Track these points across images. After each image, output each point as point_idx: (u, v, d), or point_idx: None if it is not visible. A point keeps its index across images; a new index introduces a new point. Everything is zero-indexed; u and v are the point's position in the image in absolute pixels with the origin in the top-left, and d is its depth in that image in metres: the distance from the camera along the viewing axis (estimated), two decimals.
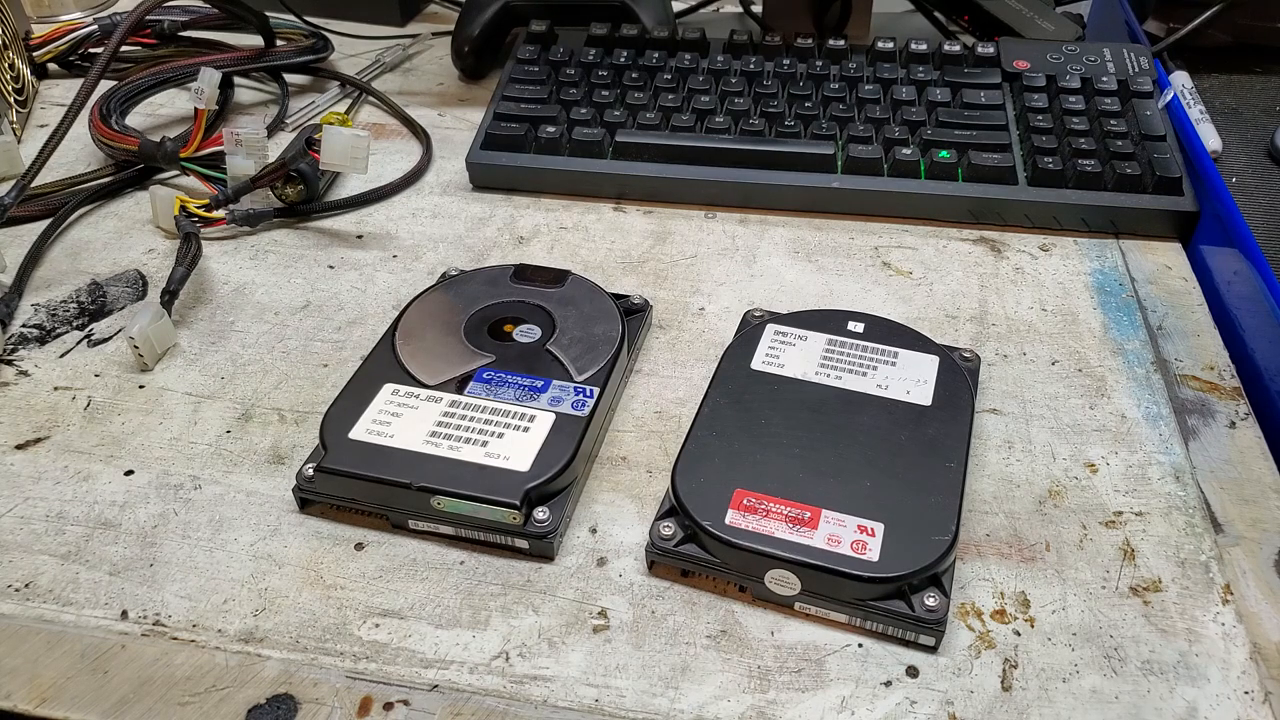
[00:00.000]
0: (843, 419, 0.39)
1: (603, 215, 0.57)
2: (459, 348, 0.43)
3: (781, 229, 0.56)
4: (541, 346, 0.44)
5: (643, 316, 0.48)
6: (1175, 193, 0.54)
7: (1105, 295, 0.50)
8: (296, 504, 0.40)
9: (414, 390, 0.41)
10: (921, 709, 0.32)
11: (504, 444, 0.39)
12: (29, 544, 0.38)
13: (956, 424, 0.39)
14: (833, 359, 0.42)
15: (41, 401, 0.45)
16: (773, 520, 0.35)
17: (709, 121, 0.59)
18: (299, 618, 0.35)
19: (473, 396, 0.41)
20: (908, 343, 0.43)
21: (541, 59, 0.64)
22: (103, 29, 0.72)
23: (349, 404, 0.41)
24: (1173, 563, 0.37)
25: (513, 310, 0.46)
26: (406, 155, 0.63)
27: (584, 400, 0.41)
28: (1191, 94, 0.61)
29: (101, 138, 0.60)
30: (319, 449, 0.39)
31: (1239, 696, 0.33)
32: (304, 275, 0.53)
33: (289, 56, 0.70)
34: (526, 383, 0.41)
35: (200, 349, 0.48)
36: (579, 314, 0.45)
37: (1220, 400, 0.44)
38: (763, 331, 0.44)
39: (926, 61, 0.62)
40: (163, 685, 0.33)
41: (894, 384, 0.41)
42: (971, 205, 0.55)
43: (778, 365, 0.42)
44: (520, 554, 0.38)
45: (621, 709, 0.32)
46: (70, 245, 0.55)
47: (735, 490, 0.36)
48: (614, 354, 0.43)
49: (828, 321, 0.44)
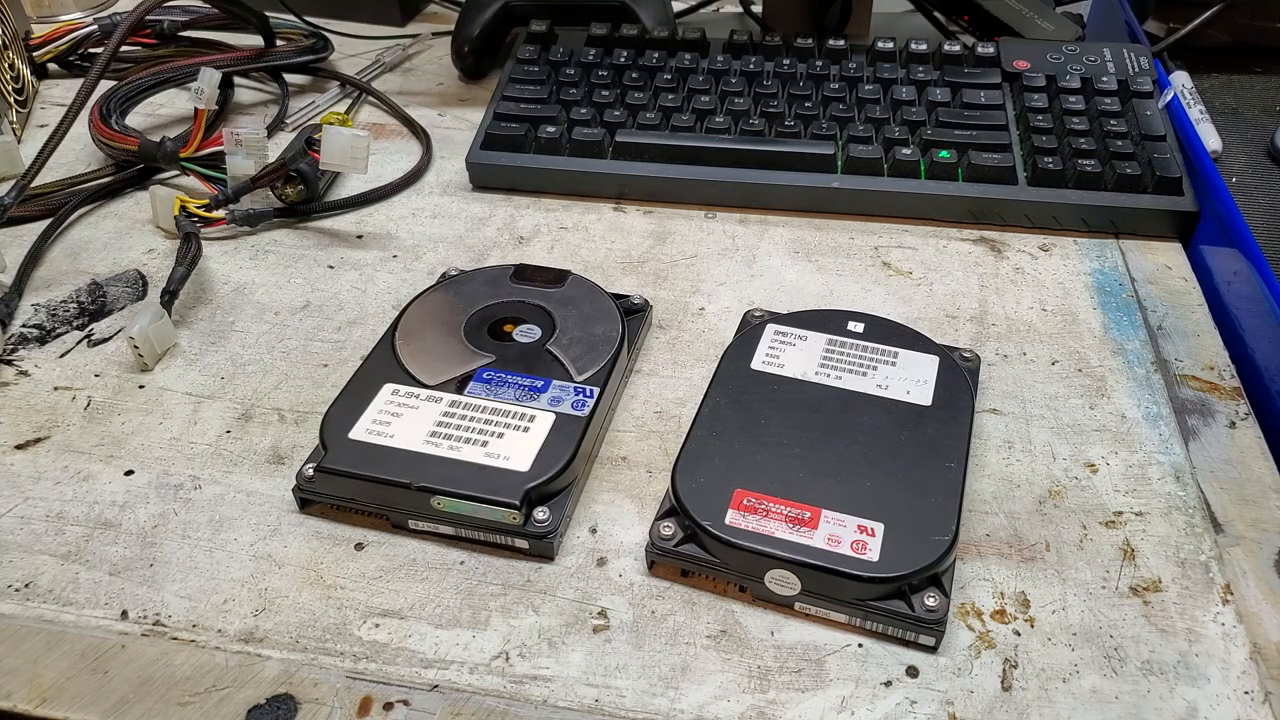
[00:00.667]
0: (843, 419, 0.39)
1: (603, 215, 0.57)
2: (459, 348, 0.43)
3: (781, 229, 0.56)
4: (541, 346, 0.44)
5: (643, 316, 0.48)
6: (1175, 193, 0.54)
7: (1105, 295, 0.50)
8: (297, 504, 0.40)
9: (414, 390, 0.41)
10: (921, 709, 0.32)
11: (504, 444, 0.39)
12: (29, 544, 0.38)
13: (956, 424, 0.39)
14: (833, 359, 0.42)
15: (41, 401, 0.45)
16: (773, 520, 0.35)
17: (709, 121, 0.59)
18: (299, 618, 0.35)
19: (473, 396, 0.41)
20: (908, 343, 0.43)
21: (541, 59, 0.64)
22: (103, 29, 0.72)
23: (349, 404, 0.41)
24: (1173, 563, 0.37)
25: (513, 310, 0.46)
26: (406, 155, 0.63)
27: (584, 400, 0.41)
28: (1191, 94, 0.61)
29: (101, 138, 0.60)
30: (319, 449, 0.39)
31: (1239, 696, 0.33)
32: (304, 275, 0.53)
33: (289, 56, 0.70)
34: (526, 383, 0.41)
35: (200, 349, 0.48)
36: (579, 314, 0.45)
37: (1220, 400, 0.44)
38: (763, 331, 0.44)
39: (926, 61, 0.62)
40: (163, 685, 0.33)
41: (894, 384, 0.41)
42: (971, 205, 0.55)
43: (778, 365, 0.42)
44: (520, 554, 0.38)
45: (621, 709, 0.32)
46: (70, 245, 0.55)
47: (735, 490, 0.36)
48: (614, 354, 0.43)
49: (828, 321, 0.44)
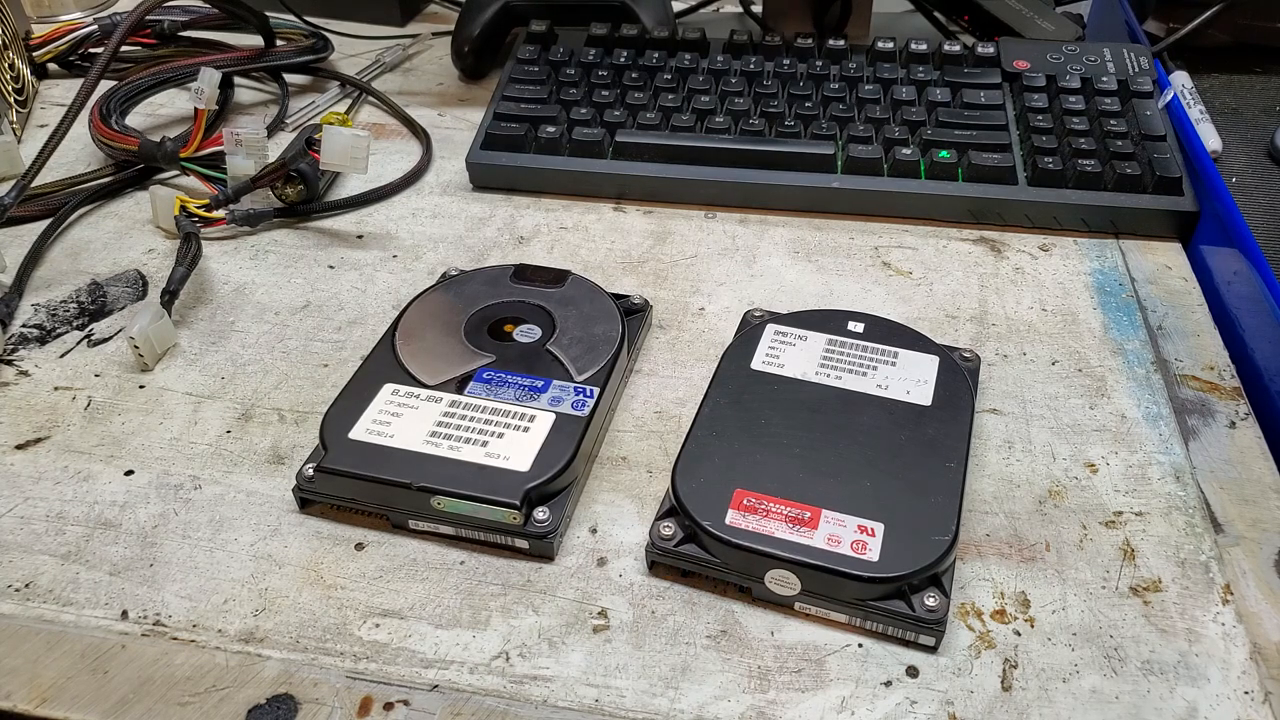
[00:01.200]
0: (843, 419, 0.39)
1: (603, 215, 0.57)
2: (459, 348, 0.43)
3: (781, 229, 0.56)
4: (542, 346, 0.44)
5: (643, 316, 0.48)
6: (1175, 193, 0.54)
7: (1105, 295, 0.50)
8: (297, 504, 0.40)
9: (414, 390, 0.41)
10: (921, 709, 0.32)
11: (504, 444, 0.39)
12: (29, 544, 0.38)
13: (956, 424, 0.39)
14: (833, 359, 0.42)
15: (41, 401, 0.45)
16: (773, 520, 0.35)
17: (709, 121, 0.59)
18: (299, 618, 0.35)
19: (473, 396, 0.41)
20: (908, 343, 0.43)
21: (541, 59, 0.64)
22: (103, 29, 0.72)
23: (349, 404, 0.41)
24: (1173, 563, 0.37)
25: (513, 310, 0.46)
26: (406, 155, 0.63)
27: (584, 400, 0.41)
28: (1191, 94, 0.61)
29: (101, 138, 0.60)
30: (319, 449, 0.39)
31: (1239, 696, 0.33)
32: (304, 275, 0.53)
33: (289, 56, 0.70)
34: (527, 383, 0.41)
35: (200, 349, 0.48)
36: (579, 314, 0.45)
37: (1220, 400, 0.44)
38: (763, 331, 0.44)
39: (926, 61, 0.62)
40: (163, 685, 0.33)
41: (894, 384, 0.41)
42: (971, 205, 0.55)
43: (778, 365, 0.42)
44: (520, 554, 0.38)
45: (621, 709, 0.32)
46: (70, 245, 0.55)
47: (735, 490, 0.36)
48: (614, 354, 0.43)
49: (828, 321, 0.44)
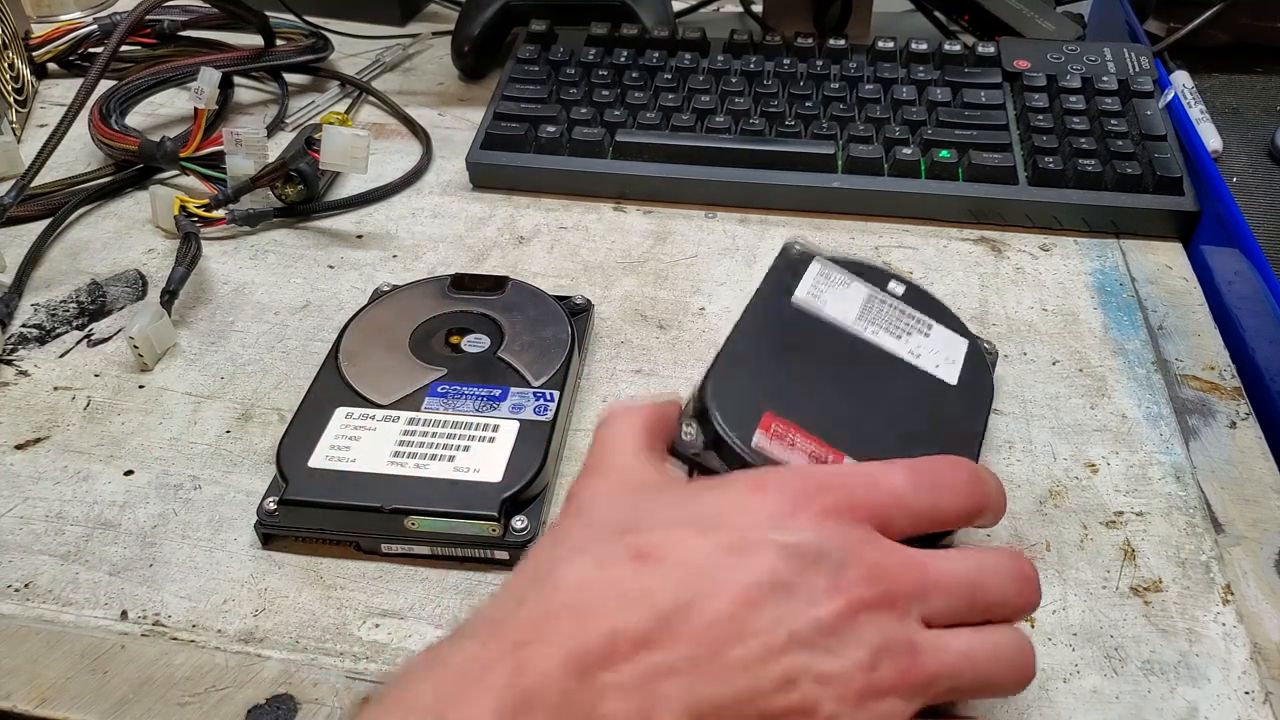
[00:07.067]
0: (875, 375, 0.37)
1: (603, 215, 0.57)
2: (408, 363, 0.42)
3: (782, 229, 0.56)
4: (493, 355, 0.43)
5: (588, 316, 0.47)
6: (1176, 192, 0.54)
7: (1106, 295, 0.50)
8: (259, 541, 0.38)
9: (369, 411, 0.40)
10: None
11: (471, 457, 0.38)
12: (29, 544, 0.38)
13: (977, 412, 0.37)
14: (871, 313, 0.40)
15: (41, 401, 0.45)
16: (797, 454, 0.33)
17: (709, 121, 0.59)
18: (299, 618, 0.35)
19: (431, 412, 0.40)
20: (942, 318, 0.41)
21: (541, 59, 0.64)
22: (103, 29, 0.72)
23: (302, 432, 0.39)
24: (1173, 563, 0.37)
25: (457, 321, 0.45)
26: (406, 155, 0.63)
27: (546, 405, 0.40)
28: (1192, 94, 0.61)
29: (101, 138, 0.60)
30: (277, 481, 0.38)
31: (1239, 696, 0.33)
32: (304, 275, 0.53)
33: (289, 56, 0.70)
34: (484, 393, 0.41)
35: (200, 349, 0.48)
36: (525, 319, 0.45)
37: (1221, 400, 0.44)
38: (807, 267, 0.41)
39: (927, 61, 0.62)
40: (163, 685, 0.33)
41: (925, 355, 0.38)
42: (972, 205, 0.55)
43: (819, 304, 0.39)
44: (502, 566, 0.37)
45: None
46: (70, 245, 0.55)
47: (766, 413, 0.34)
48: (567, 356, 0.42)
49: (870, 273, 0.41)
